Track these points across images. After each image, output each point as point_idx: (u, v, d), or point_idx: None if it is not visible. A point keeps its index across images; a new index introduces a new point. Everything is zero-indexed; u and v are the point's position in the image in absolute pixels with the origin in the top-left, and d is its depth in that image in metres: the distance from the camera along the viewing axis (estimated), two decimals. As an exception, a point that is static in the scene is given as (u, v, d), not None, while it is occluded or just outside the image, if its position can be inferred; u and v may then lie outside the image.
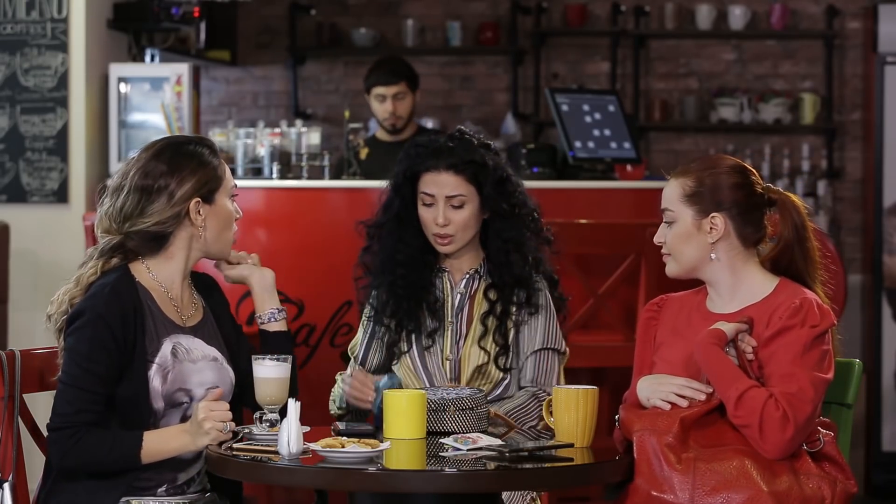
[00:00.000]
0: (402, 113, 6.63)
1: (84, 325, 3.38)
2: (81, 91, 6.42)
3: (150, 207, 3.47)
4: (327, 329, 5.60)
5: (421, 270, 3.88)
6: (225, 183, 3.54)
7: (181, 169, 3.48)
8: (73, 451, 3.33)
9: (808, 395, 3.20)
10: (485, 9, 8.73)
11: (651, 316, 3.52)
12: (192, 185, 3.48)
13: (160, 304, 3.48)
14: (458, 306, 3.88)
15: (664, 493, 3.17)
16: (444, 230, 3.84)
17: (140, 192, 3.48)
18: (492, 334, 3.83)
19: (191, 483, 3.51)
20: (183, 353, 3.47)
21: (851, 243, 8.33)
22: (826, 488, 3.21)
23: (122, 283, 3.44)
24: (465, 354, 3.84)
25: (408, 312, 3.86)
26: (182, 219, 3.48)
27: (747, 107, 8.41)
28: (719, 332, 3.28)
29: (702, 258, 3.40)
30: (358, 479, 3.07)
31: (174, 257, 3.51)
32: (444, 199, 3.84)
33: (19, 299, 6.27)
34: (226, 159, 5.81)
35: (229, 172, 3.60)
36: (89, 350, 3.36)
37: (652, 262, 5.49)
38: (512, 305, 3.85)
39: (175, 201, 3.47)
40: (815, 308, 3.29)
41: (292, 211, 5.83)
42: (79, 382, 3.35)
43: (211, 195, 3.51)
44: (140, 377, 3.40)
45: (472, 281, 3.90)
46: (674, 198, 3.41)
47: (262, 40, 8.88)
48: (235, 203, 3.60)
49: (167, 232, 3.48)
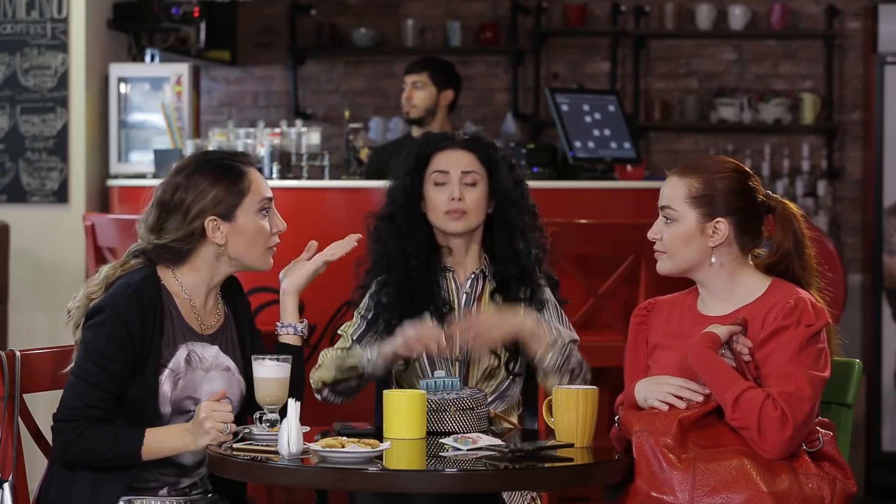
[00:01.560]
0: (417, 102, 6.60)
1: (103, 321, 3.37)
2: (81, 91, 6.42)
3: (167, 224, 3.46)
4: (327, 329, 5.60)
5: (429, 269, 3.87)
6: (249, 198, 3.48)
7: (197, 186, 3.45)
8: (75, 443, 3.34)
9: (805, 394, 3.20)
10: (485, 9, 8.73)
11: (641, 321, 3.51)
12: (207, 202, 3.44)
13: (182, 311, 3.47)
14: (464, 306, 3.88)
15: (664, 494, 3.17)
16: (459, 205, 3.83)
17: (160, 207, 3.47)
18: None
19: (193, 486, 3.52)
20: (196, 362, 3.46)
21: (851, 243, 8.33)
22: (826, 488, 3.21)
23: (147, 284, 3.43)
24: (475, 358, 3.84)
25: (416, 313, 3.80)
26: (200, 236, 3.46)
27: (747, 107, 8.41)
28: (713, 336, 3.27)
29: (700, 261, 3.39)
30: (358, 479, 3.07)
31: (199, 270, 3.49)
32: (460, 174, 3.85)
33: (19, 299, 6.27)
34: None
35: (261, 184, 3.53)
36: (105, 348, 3.36)
37: (652, 262, 5.48)
38: (519, 304, 3.85)
39: (190, 219, 3.44)
40: (810, 307, 3.29)
41: (292, 211, 5.81)
42: (90, 378, 3.35)
43: (230, 212, 3.46)
44: (151, 380, 3.39)
45: (478, 281, 3.90)
46: (678, 197, 3.39)
47: (262, 40, 8.88)
48: (273, 215, 3.54)
49: (186, 248, 3.46)
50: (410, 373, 3.86)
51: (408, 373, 3.86)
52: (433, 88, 6.61)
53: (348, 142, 6.28)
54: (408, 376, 3.87)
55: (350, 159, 6.24)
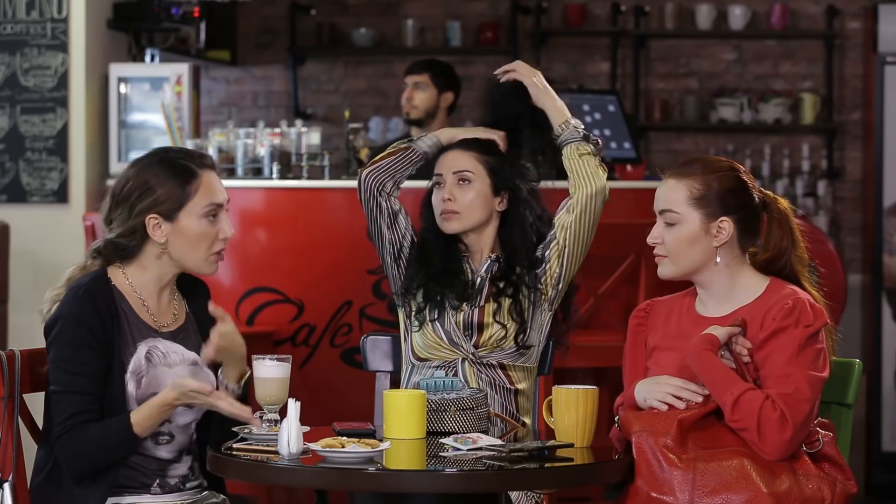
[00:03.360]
0: (417, 103, 6.60)
1: (62, 330, 3.34)
2: (81, 91, 6.42)
3: (115, 218, 3.44)
4: (327, 329, 5.60)
5: (450, 256, 3.94)
6: (196, 200, 3.42)
7: (146, 182, 3.42)
8: (74, 452, 3.31)
9: (804, 395, 3.20)
10: (485, 9, 8.73)
11: (639, 322, 3.51)
12: (151, 200, 3.40)
13: (135, 309, 3.44)
14: (478, 287, 3.93)
15: (664, 495, 3.17)
16: (449, 205, 3.90)
17: (112, 198, 3.46)
18: (508, 313, 3.86)
19: (185, 479, 3.50)
20: (158, 358, 3.42)
21: (851, 243, 8.33)
22: (826, 489, 3.21)
23: (97, 285, 3.40)
24: (487, 322, 3.89)
25: (438, 282, 3.91)
26: (143, 233, 3.42)
27: (747, 107, 8.41)
28: (712, 337, 3.27)
29: (704, 262, 3.38)
30: (358, 479, 3.07)
31: (147, 268, 3.46)
32: (451, 175, 3.93)
33: (19, 299, 6.27)
34: (226, 159, 5.93)
35: (212, 187, 3.44)
36: (74, 354, 3.33)
37: (652, 262, 5.48)
38: (523, 285, 3.91)
39: (133, 214, 3.41)
40: (808, 308, 3.29)
41: (292, 211, 5.83)
42: (71, 387, 3.32)
43: (173, 213, 3.41)
44: (118, 382, 3.36)
45: (493, 266, 3.96)
46: (679, 200, 3.38)
47: (262, 40, 8.88)
48: (222, 220, 3.46)
49: (132, 245, 3.43)
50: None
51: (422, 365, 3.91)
52: (434, 90, 6.61)
53: (348, 142, 6.28)
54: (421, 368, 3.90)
55: (350, 159, 6.24)
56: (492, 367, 3.87)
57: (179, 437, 3.46)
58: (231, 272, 5.59)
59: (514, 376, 3.89)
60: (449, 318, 3.90)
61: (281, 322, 5.57)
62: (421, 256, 3.97)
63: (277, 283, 5.63)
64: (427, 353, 3.90)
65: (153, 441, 3.41)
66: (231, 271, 5.59)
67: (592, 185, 3.93)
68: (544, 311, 3.93)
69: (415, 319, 3.93)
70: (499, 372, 3.87)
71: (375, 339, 4.08)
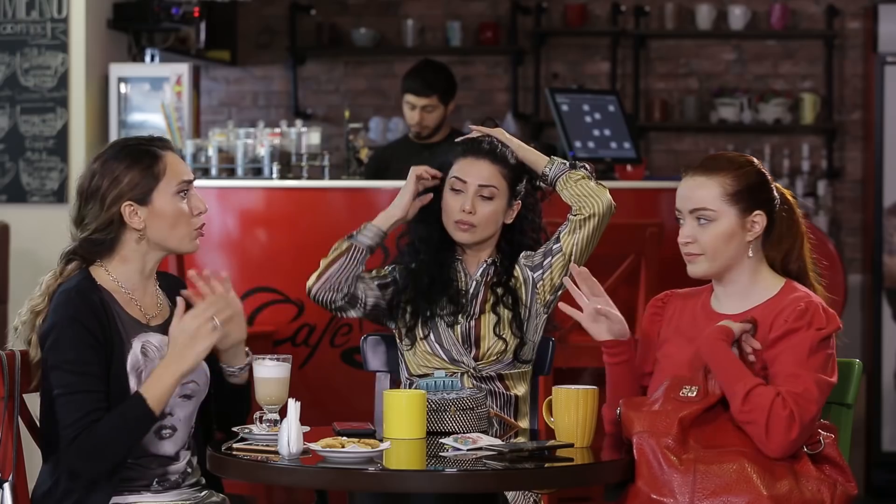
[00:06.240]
0: (429, 124, 6.54)
1: (60, 334, 3.32)
2: (81, 91, 6.42)
3: (87, 214, 3.43)
4: (327, 329, 5.60)
5: (441, 262, 3.91)
6: (165, 181, 3.42)
7: (112, 172, 3.41)
8: (94, 446, 3.26)
9: (813, 396, 3.20)
10: (485, 9, 8.73)
11: (655, 311, 3.52)
12: (122, 188, 3.40)
13: (123, 305, 3.43)
14: (472, 293, 3.91)
15: (664, 497, 3.16)
16: (468, 217, 3.86)
17: (79, 196, 3.45)
18: (508, 325, 3.85)
19: (185, 476, 3.49)
20: (153, 352, 3.41)
21: (851, 243, 8.33)
22: (826, 491, 3.21)
23: (84, 286, 3.39)
24: (484, 335, 3.86)
25: (426, 298, 3.87)
26: (120, 224, 3.42)
27: (747, 107, 8.41)
28: (727, 329, 3.27)
29: (737, 257, 3.38)
30: (358, 479, 3.07)
31: (129, 259, 3.45)
32: (476, 187, 3.88)
33: (19, 299, 6.20)
34: (226, 159, 5.93)
35: (178, 167, 3.45)
36: (76, 355, 3.31)
37: (652, 262, 5.50)
38: (520, 288, 3.91)
39: (107, 206, 3.40)
40: (822, 311, 3.29)
41: (292, 211, 5.83)
42: (77, 388, 3.29)
43: (146, 196, 3.41)
44: (121, 379, 3.35)
45: (489, 270, 3.93)
46: (713, 197, 3.36)
47: (262, 40, 8.89)
48: (193, 196, 3.46)
49: (109, 238, 3.42)
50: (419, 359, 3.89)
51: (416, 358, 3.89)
52: (442, 108, 6.56)
53: (348, 142, 6.28)
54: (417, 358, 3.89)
55: (350, 159, 6.24)
56: (490, 379, 3.86)
57: (181, 431, 3.46)
58: (231, 272, 5.58)
59: (511, 383, 3.89)
60: (445, 333, 3.87)
61: (281, 322, 5.57)
62: (409, 269, 3.92)
63: (277, 283, 5.63)
64: (424, 371, 3.88)
65: (156, 436, 3.41)
66: (231, 271, 5.58)
67: (599, 202, 3.90)
68: (540, 314, 3.92)
69: (405, 338, 3.91)
70: (496, 382, 3.87)
71: (375, 339, 4.07)
